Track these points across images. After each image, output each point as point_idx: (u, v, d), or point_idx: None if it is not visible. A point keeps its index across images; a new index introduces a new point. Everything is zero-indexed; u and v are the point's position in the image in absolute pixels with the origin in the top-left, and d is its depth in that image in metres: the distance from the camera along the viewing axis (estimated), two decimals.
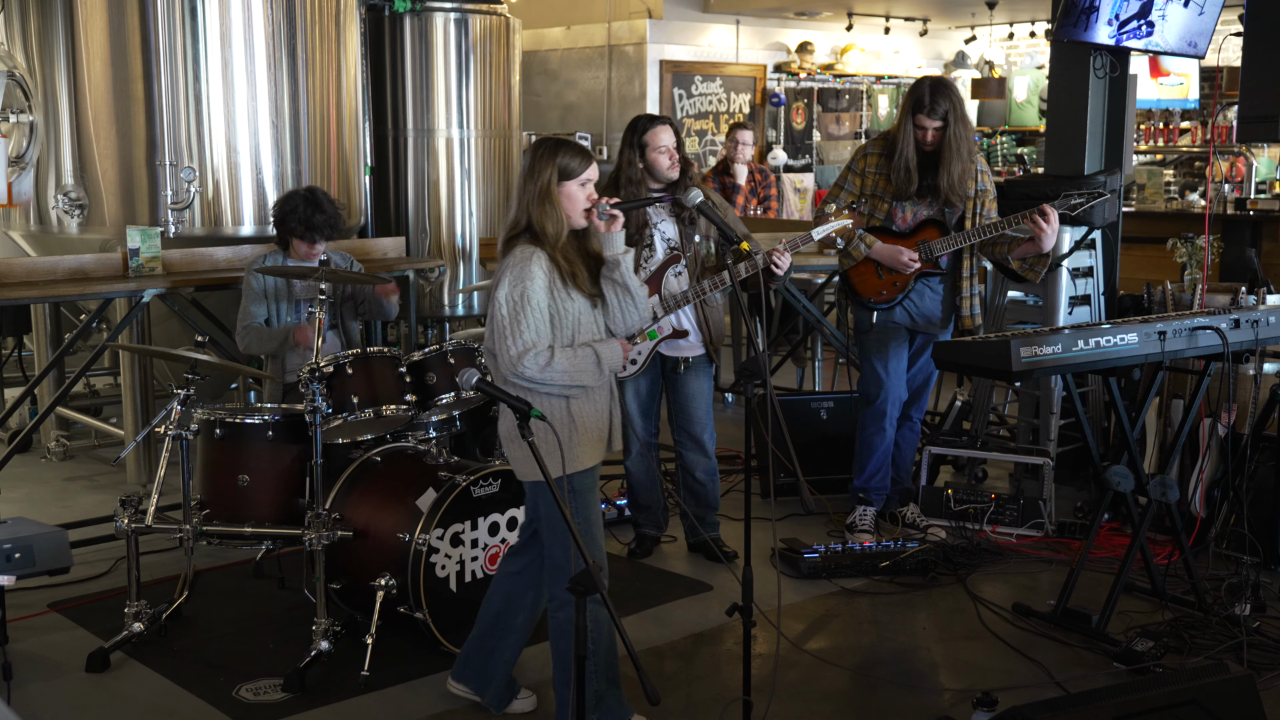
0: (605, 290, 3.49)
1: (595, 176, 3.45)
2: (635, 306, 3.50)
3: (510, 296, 3.33)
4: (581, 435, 3.43)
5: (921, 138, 4.98)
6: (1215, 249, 6.37)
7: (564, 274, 3.38)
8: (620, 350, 3.44)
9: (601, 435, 3.51)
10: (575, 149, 3.44)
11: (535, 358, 3.31)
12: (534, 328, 3.31)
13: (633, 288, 3.47)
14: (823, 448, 5.89)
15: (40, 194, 6.26)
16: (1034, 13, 12.80)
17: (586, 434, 3.45)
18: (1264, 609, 4.46)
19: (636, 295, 3.49)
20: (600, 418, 3.49)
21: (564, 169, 3.39)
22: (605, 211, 3.41)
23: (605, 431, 3.53)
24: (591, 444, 3.47)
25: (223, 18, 6.12)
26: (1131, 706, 2.93)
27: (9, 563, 3.81)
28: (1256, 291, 5.39)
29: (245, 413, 4.32)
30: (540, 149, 3.44)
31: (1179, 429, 4.84)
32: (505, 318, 3.32)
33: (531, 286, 3.32)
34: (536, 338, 3.32)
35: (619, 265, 3.44)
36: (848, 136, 13.38)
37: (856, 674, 4.11)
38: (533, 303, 3.32)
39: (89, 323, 5.83)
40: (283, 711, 3.82)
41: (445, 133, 7.52)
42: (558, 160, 3.39)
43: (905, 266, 5.04)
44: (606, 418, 3.52)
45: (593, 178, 3.45)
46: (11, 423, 6.31)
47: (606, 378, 3.45)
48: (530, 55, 12.29)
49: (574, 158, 3.41)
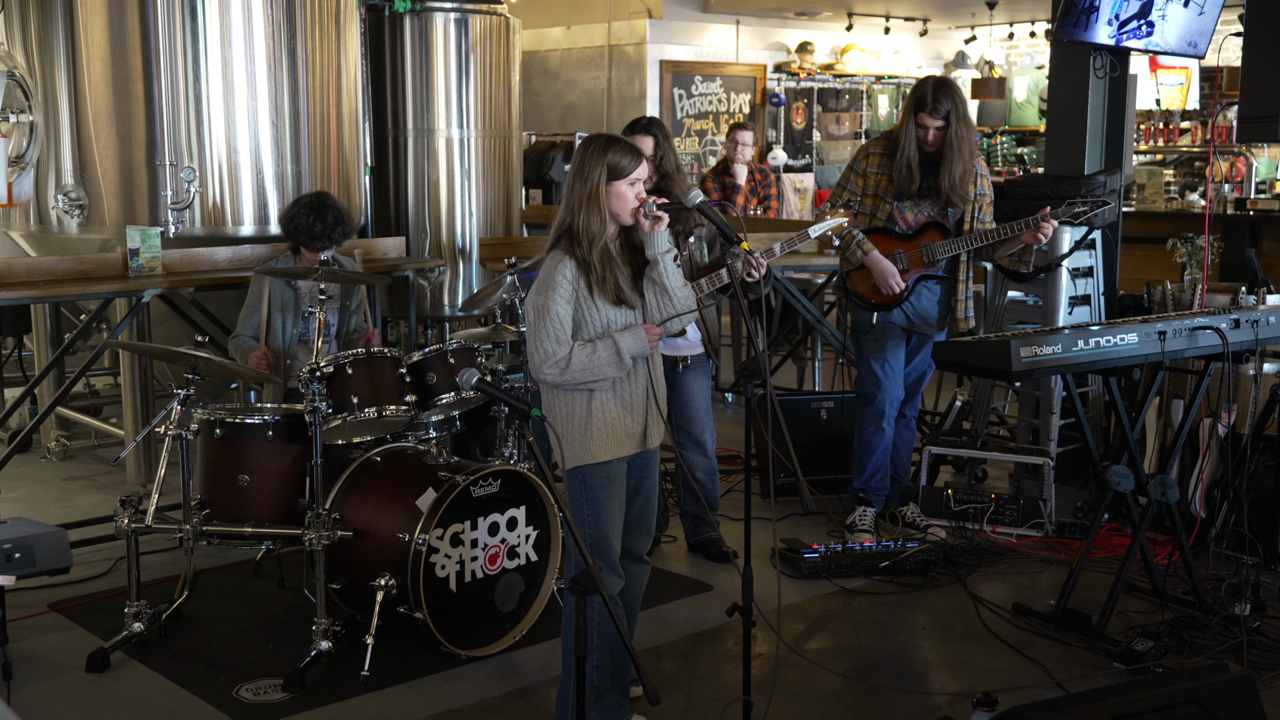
0: (645, 289, 3.46)
1: (644, 175, 3.42)
2: (674, 306, 3.44)
3: (535, 305, 3.37)
4: (597, 429, 3.40)
5: (924, 137, 4.98)
6: (1215, 249, 6.37)
7: (595, 280, 3.36)
8: (644, 335, 3.39)
9: (628, 430, 3.45)
10: (626, 147, 3.40)
11: (553, 365, 3.33)
12: (553, 337, 3.33)
13: (671, 287, 3.42)
14: (823, 448, 5.89)
15: (40, 194, 6.26)
16: (1034, 13, 12.80)
17: (605, 428, 3.41)
18: (1264, 609, 4.46)
19: (675, 295, 3.43)
20: (626, 412, 3.45)
21: (614, 168, 3.36)
22: (651, 212, 3.38)
23: (633, 426, 3.46)
24: (611, 439, 3.42)
25: (223, 18, 6.12)
26: (1131, 706, 2.92)
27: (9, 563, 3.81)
28: (1256, 291, 5.39)
29: (245, 413, 4.32)
30: (590, 147, 3.40)
31: (1179, 429, 4.84)
32: (531, 325, 3.38)
33: (553, 297, 3.33)
34: (556, 346, 3.32)
35: (658, 264, 3.40)
36: (848, 136, 13.39)
37: (856, 674, 4.11)
38: (552, 314, 3.32)
39: (89, 323, 5.83)
40: (283, 711, 3.82)
41: (445, 133, 7.52)
42: (608, 159, 3.36)
43: (890, 289, 5.05)
44: (636, 412, 3.47)
45: (641, 176, 3.41)
46: (11, 423, 6.31)
47: (629, 366, 3.40)
48: (530, 55, 12.29)
49: (624, 156, 3.37)
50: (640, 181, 3.41)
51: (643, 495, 3.58)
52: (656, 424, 3.54)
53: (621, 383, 3.43)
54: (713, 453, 5.06)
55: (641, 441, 3.51)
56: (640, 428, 3.49)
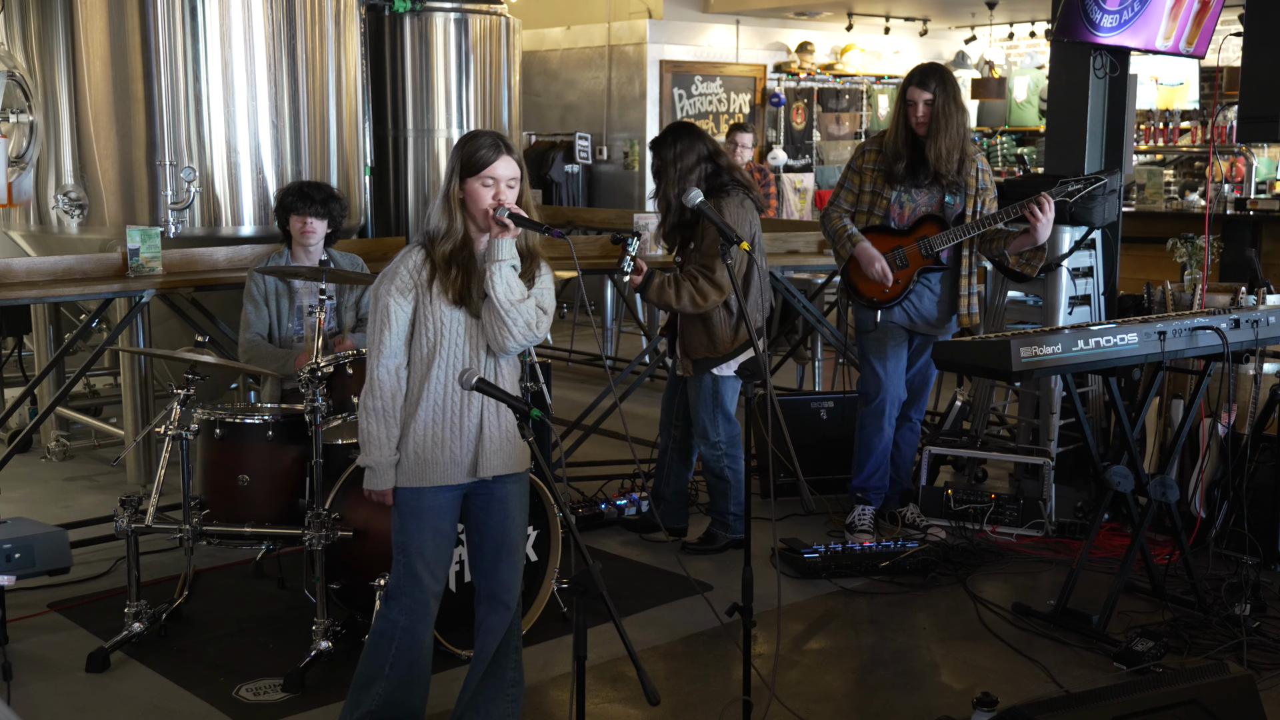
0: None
1: (506, 174, 3.18)
2: (502, 320, 3.16)
3: (374, 292, 3.24)
4: (413, 452, 3.24)
5: (913, 114, 5.01)
6: (1215, 249, 6.38)
7: (439, 276, 3.17)
8: (380, 484, 3.21)
9: (453, 458, 3.24)
10: (487, 143, 3.18)
11: (381, 361, 3.19)
12: (378, 330, 3.19)
13: (496, 299, 3.15)
14: (823, 448, 5.89)
15: (40, 194, 6.26)
16: (1034, 13, 12.81)
17: (423, 452, 3.24)
18: (1264, 609, 4.46)
19: (501, 307, 3.15)
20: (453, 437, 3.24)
21: (469, 163, 3.17)
22: (501, 219, 3.16)
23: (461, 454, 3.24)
24: (430, 464, 3.24)
25: (223, 18, 6.12)
26: (1131, 706, 2.92)
27: (9, 563, 3.81)
28: (1256, 291, 5.39)
29: (245, 413, 4.32)
30: (458, 143, 3.26)
31: (1179, 429, 4.84)
32: (369, 312, 3.25)
33: (388, 287, 3.19)
34: (379, 340, 3.18)
35: (486, 273, 3.16)
36: (848, 136, 13.39)
37: (856, 674, 4.11)
38: (382, 303, 3.19)
39: (89, 323, 5.83)
40: (283, 711, 3.82)
41: (445, 133, 7.52)
42: (464, 153, 3.18)
43: (875, 275, 5.06)
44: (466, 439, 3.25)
45: (500, 176, 3.17)
46: (11, 423, 6.31)
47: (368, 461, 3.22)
48: (530, 55, 12.29)
49: (481, 151, 3.17)
50: (499, 181, 3.17)
51: (493, 530, 3.33)
52: (495, 453, 3.26)
53: (451, 405, 3.22)
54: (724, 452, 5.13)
55: (473, 470, 3.26)
56: (470, 456, 3.25)
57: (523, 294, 3.21)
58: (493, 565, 3.36)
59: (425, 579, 3.31)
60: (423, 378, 3.23)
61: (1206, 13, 5.95)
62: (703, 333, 4.97)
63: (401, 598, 3.33)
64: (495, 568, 3.36)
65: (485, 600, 3.39)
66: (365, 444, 3.24)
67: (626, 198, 11.87)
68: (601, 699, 3.92)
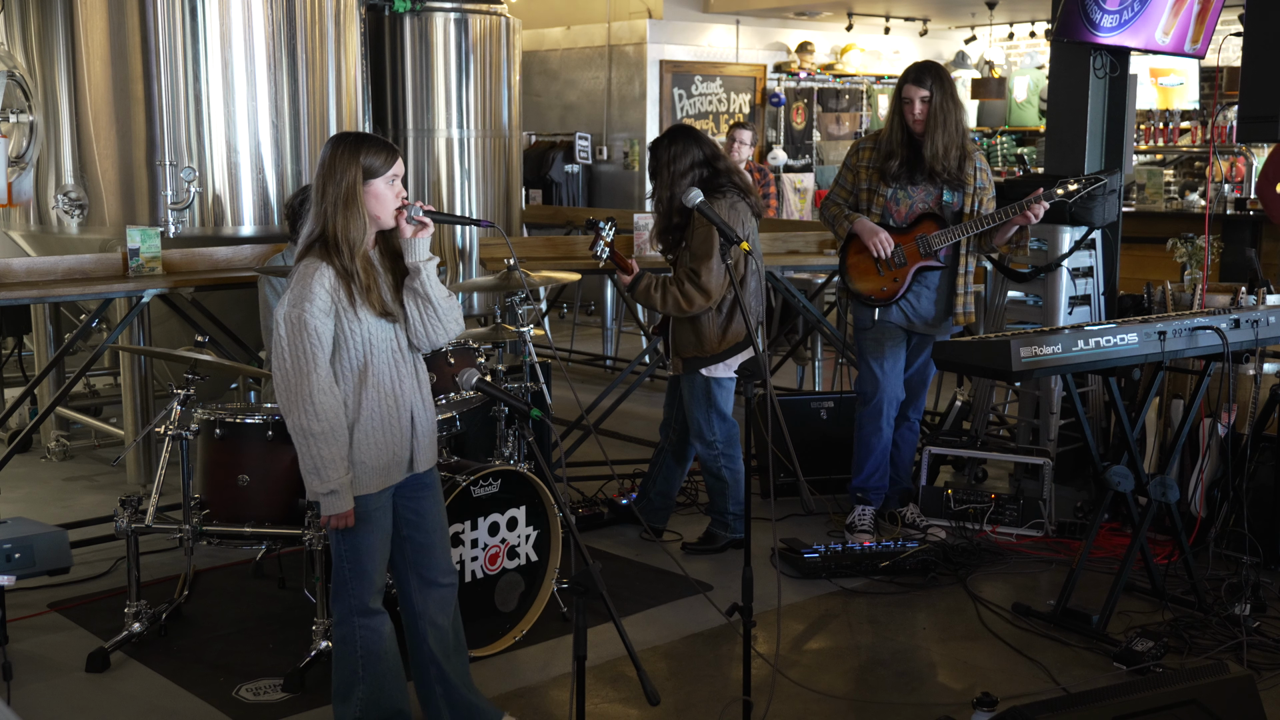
0: (406, 301, 3.26)
1: (402, 172, 3.23)
2: (439, 319, 3.25)
3: (289, 318, 3.12)
4: (361, 463, 3.25)
5: (909, 112, 5.01)
6: (1215, 249, 6.37)
7: (357, 289, 3.14)
8: (341, 508, 3.19)
9: (396, 458, 3.30)
10: (378, 145, 3.19)
11: (304, 403, 3.11)
12: (309, 355, 3.11)
13: (435, 298, 3.23)
14: (823, 448, 5.89)
15: (40, 194, 6.26)
16: (1034, 13, 12.81)
17: (370, 461, 3.26)
18: (1264, 609, 4.47)
19: (439, 306, 3.24)
20: (394, 440, 3.29)
21: (369, 168, 3.15)
22: (415, 217, 3.19)
23: (400, 452, 3.31)
24: (378, 470, 3.27)
25: (223, 18, 6.12)
26: (1131, 706, 2.92)
27: (9, 563, 3.81)
28: (1256, 291, 5.38)
29: (245, 413, 4.31)
30: (339, 146, 3.18)
31: (1179, 429, 4.84)
32: (281, 340, 3.13)
33: (310, 310, 3.10)
34: (311, 367, 3.11)
35: (420, 273, 3.21)
36: (848, 136, 13.39)
37: (856, 674, 4.11)
38: (310, 328, 3.11)
39: (89, 323, 5.83)
40: (283, 711, 3.82)
41: (445, 133, 7.52)
42: (361, 159, 3.15)
43: (877, 247, 5.06)
44: (403, 439, 3.31)
45: (399, 173, 3.21)
46: (11, 423, 6.31)
47: (327, 487, 3.18)
48: (530, 55, 12.29)
49: (378, 154, 3.17)
50: (398, 179, 3.22)
51: (430, 516, 3.43)
52: (429, 446, 3.37)
53: (388, 410, 3.26)
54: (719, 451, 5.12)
55: (409, 466, 3.35)
56: (407, 453, 3.33)
57: (446, 289, 3.29)
58: (435, 550, 3.46)
59: (376, 578, 3.36)
60: (358, 391, 3.23)
61: (1207, 13, 5.95)
62: (690, 332, 4.98)
63: (353, 599, 3.34)
64: (435, 551, 3.46)
65: (431, 585, 3.45)
66: (319, 470, 3.17)
67: (626, 198, 11.87)
68: (601, 699, 3.92)
